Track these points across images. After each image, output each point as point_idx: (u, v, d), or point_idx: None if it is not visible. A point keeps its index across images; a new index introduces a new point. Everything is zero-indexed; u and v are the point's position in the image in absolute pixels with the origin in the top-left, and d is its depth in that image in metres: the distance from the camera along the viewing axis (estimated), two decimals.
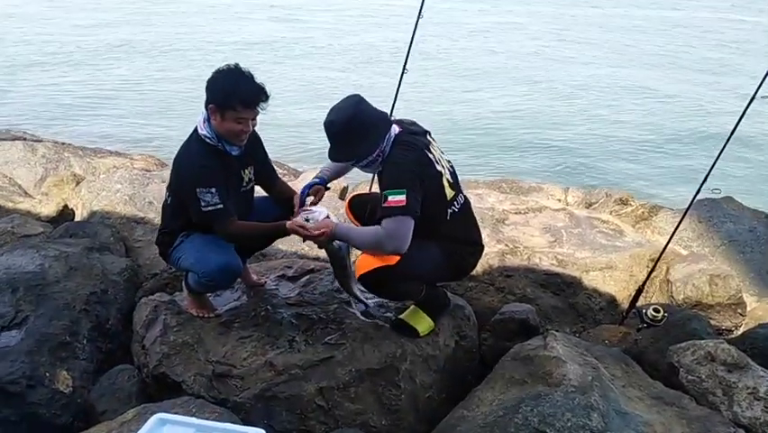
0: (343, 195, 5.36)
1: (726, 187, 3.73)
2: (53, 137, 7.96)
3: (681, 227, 3.90)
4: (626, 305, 3.76)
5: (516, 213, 4.67)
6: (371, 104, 2.67)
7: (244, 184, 2.89)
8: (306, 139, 8.80)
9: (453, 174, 2.80)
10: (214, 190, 2.62)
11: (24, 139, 7.03)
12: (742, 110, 3.30)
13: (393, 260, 2.57)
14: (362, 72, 12.58)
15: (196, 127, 2.73)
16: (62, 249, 3.54)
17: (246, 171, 2.88)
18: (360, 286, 2.91)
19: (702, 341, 2.90)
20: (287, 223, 2.73)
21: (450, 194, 2.72)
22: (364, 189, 4.88)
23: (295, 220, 2.74)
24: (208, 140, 2.68)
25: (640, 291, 3.67)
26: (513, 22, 19.44)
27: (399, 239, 2.51)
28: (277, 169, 3.29)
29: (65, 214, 4.72)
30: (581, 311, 3.84)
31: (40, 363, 2.87)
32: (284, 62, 13.28)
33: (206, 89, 2.65)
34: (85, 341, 3.12)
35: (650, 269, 3.85)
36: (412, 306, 2.93)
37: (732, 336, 3.57)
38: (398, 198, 2.49)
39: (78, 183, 5.04)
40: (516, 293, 3.80)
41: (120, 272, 3.61)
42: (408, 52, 4.21)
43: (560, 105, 11.51)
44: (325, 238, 2.68)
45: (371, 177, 4.53)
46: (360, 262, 2.67)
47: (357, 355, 2.74)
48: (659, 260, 3.82)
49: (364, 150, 2.62)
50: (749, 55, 16.00)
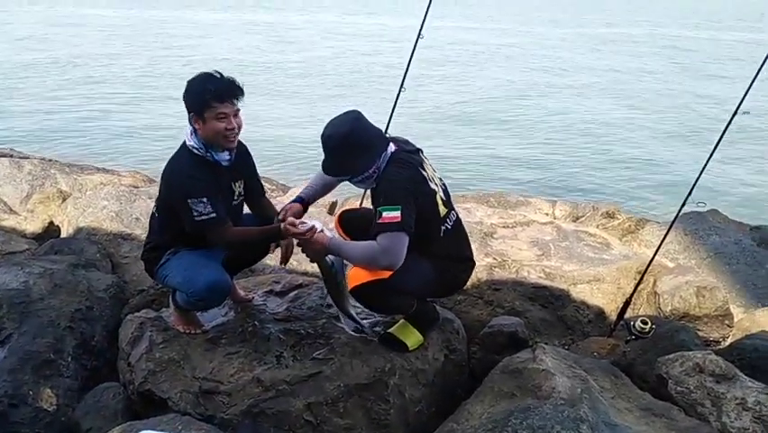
0: (332, 210, 5.35)
1: (711, 199, 3.77)
2: (40, 154, 7.92)
3: (668, 240, 3.93)
4: (614, 317, 3.76)
5: (504, 227, 4.68)
6: (369, 120, 2.68)
7: (235, 198, 2.87)
8: (298, 155, 8.82)
9: (446, 192, 2.82)
10: (205, 200, 2.61)
11: (11, 156, 6.99)
12: (725, 125, 3.34)
13: (385, 274, 2.57)
14: (358, 91, 12.65)
15: (184, 141, 2.72)
16: (47, 266, 3.51)
17: (236, 185, 2.87)
18: (353, 302, 2.89)
19: (690, 352, 2.91)
20: (281, 225, 2.72)
21: (443, 211, 2.72)
22: (354, 204, 4.88)
23: (290, 220, 2.72)
24: (196, 150, 2.67)
25: (628, 303, 3.69)
26: (504, 42, 19.67)
27: (394, 255, 2.51)
28: (265, 184, 3.29)
29: (50, 231, 4.68)
30: (570, 324, 3.84)
31: (23, 381, 2.83)
32: (278, 80, 13.34)
33: (184, 102, 2.66)
34: (69, 358, 3.08)
35: (637, 281, 3.87)
36: (401, 320, 2.92)
37: (719, 348, 3.58)
38: (393, 215, 2.49)
39: (65, 200, 5.00)
40: (504, 306, 3.80)
41: (106, 289, 3.57)
42: (406, 72, 4.20)
43: (546, 119, 11.62)
44: (319, 249, 2.67)
45: (363, 192, 4.54)
46: (352, 274, 2.67)
47: (345, 370, 2.72)
48: (646, 272, 3.84)
49: (361, 165, 2.63)
50: (733, 70, 16.27)
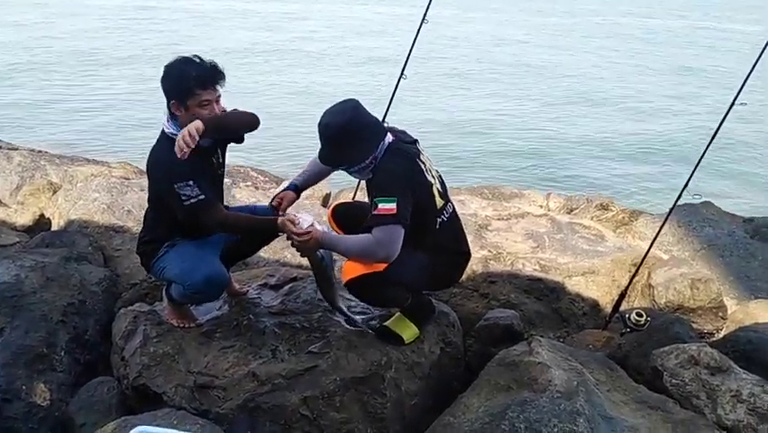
0: (326, 202, 5.33)
1: (704, 191, 3.77)
2: (29, 145, 7.83)
3: (662, 232, 3.93)
4: (609, 309, 3.77)
5: (498, 219, 4.68)
6: (367, 109, 2.65)
7: (216, 168, 2.83)
8: (291, 146, 8.78)
9: (443, 183, 2.80)
10: (192, 183, 2.57)
11: (0, 147, 6.90)
12: (721, 116, 3.34)
13: (380, 267, 2.55)
14: (356, 78, 12.56)
15: (162, 128, 2.69)
16: (39, 259, 3.47)
17: (216, 157, 2.82)
18: (346, 296, 2.87)
19: (685, 345, 2.91)
20: (278, 219, 2.69)
21: (440, 203, 2.71)
22: (347, 196, 4.86)
23: (287, 215, 2.69)
24: (175, 136, 2.60)
25: (623, 296, 3.70)
26: (501, 32, 19.61)
27: (389, 247, 2.49)
28: (259, 176, 3.26)
29: (41, 223, 4.63)
30: (565, 316, 3.85)
31: (16, 375, 2.81)
32: (275, 69, 13.25)
33: (162, 88, 2.62)
34: (62, 353, 3.05)
35: (632, 273, 3.88)
36: (397, 313, 2.91)
37: (713, 340, 3.60)
38: (389, 207, 2.47)
39: (55, 192, 4.94)
40: (500, 299, 3.80)
41: (98, 282, 3.54)
42: (407, 58, 4.15)
43: (541, 111, 11.62)
44: (312, 245, 2.65)
45: (356, 183, 4.51)
46: (346, 267, 2.65)
47: (341, 364, 2.71)
48: (641, 264, 3.84)
49: (358, 155, 2.60)
50: (729, 61, 16.31)
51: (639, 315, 3.36)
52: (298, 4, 22.12)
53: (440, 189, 2.73)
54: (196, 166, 2.62)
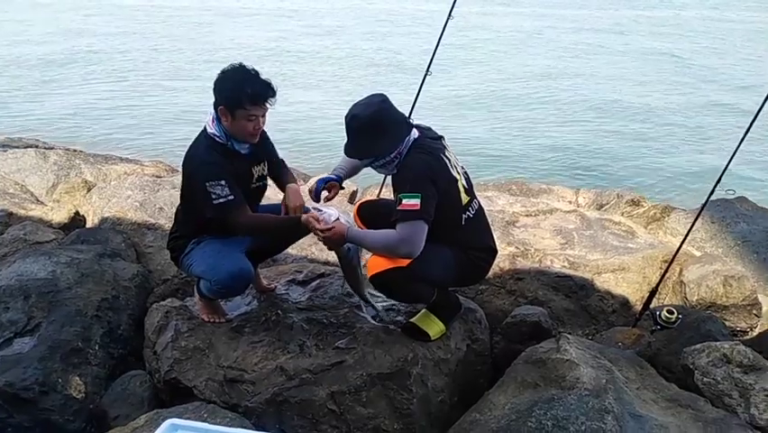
0: (353, 199, 5.35)
1: (738, 186, 3.68)
2: (65, 144, 8.01)
3: (694, 228, 3.86)
4: (639, 307, 3.71)
5: (526, 215, 4.64)
6: (394, 105, 2.66)
7: (254, 180, 2.89)
8: (318, 143, 8.82)
9: (468, 180, 2.79)
10: (223, 183, 2.63)
11: (36, 146, 7.08)
12: (756, 108, 3.26)
13: (404, 262, 2.56)
14: (385, 77, 12.56)
15: (204, 127, 2.74)
16: (74, 255, 3.56)
17: (256, 169, 2.88)
18: (371, 289, 2.89)
19: (717, 343, 2.86)
20: (302, 216, 2.73)
21: (465, 199, 2.70)
22: (374, 193, 4.87)
23: (311, 213, 2.73)
24: (217, 138, 2.70)
25: (653, 293, 3.64)
26: (528, 26, 19.40)
27: (413, 243, 2.50)
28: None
29: (76, 220, 4.74)
30: (594, 313, 3.80)
31: (52, 369, 2.88)
32: (298, 68, 13.32)
33: (214, 91, 2.67)
34: (97, 347, 3.13)
35: (663, 270, 3.81)
36: (423, 310, 2.91)
37: (747, 338, 3.53)
38: (413, 202, 2.48)
39: (89, 190, 5.05)
40: (527, 296, 3.78)
41: (131, 278, 3.62)
42: (433, 55, 4.13)
43: (569, 106, 11.47)
44: (338, 239, 2.67)
45: (382, 179, 4.53)
46: (371, 262, 2.66)
47: (368, 360, 2.73)
48: (673, 261, 3.78)
49: (383, 149, 2.61)
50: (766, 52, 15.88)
51: (670, 312, 3.31)
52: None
53: (465, 186, 2.73)
54: (230, 169, 2.68)
